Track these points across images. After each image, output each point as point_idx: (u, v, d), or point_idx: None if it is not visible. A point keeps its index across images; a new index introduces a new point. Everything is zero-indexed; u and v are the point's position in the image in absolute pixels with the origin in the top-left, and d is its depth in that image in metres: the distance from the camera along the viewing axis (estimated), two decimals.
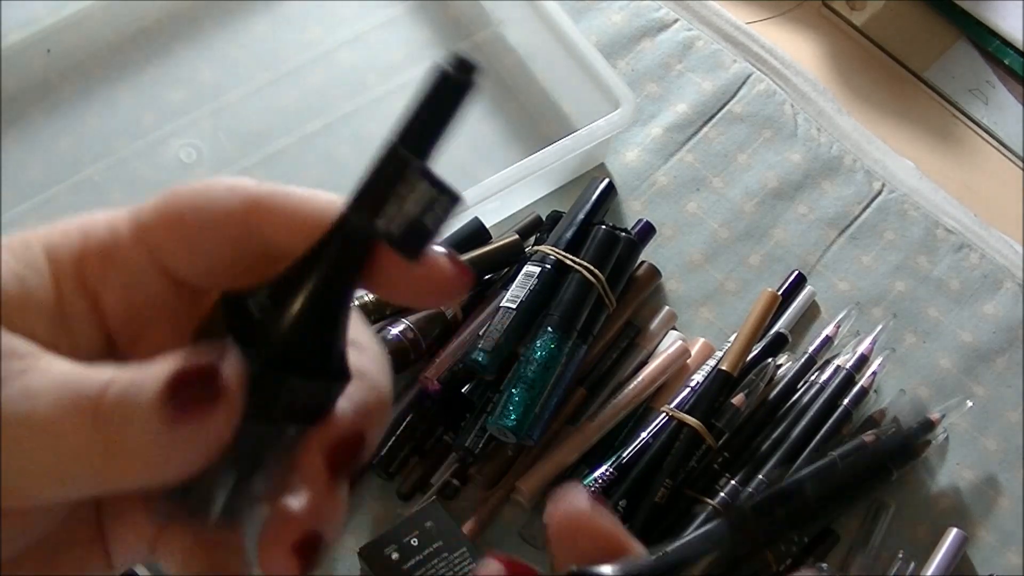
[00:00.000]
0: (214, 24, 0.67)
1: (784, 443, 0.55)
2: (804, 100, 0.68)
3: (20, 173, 0.61)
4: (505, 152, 0.64)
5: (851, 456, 0.53)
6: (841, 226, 0.64)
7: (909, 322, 0.62)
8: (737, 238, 0.63)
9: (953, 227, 0.64)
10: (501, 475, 0.55)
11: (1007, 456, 0.59)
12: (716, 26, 0.69)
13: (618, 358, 0.57)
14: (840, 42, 0.73)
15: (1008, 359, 0.61)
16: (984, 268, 0.63)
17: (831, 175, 0.65)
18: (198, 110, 0.64)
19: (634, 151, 0.65)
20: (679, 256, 0.62)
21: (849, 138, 0.67)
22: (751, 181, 0.64)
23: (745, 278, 0.62)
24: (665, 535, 0.53)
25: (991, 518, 0.57)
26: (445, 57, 0.21)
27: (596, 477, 0.53)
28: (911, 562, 0.55)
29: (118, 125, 0.64)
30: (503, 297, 0.55)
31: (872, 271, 0.63)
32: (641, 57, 0.68)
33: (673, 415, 0.55)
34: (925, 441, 0.56)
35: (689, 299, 0.61)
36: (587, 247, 0.56)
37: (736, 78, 0.67)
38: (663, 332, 0.59)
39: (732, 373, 0.56)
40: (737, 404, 0.55)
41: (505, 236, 0.58)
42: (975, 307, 0.62)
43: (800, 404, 0.57)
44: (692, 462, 0.54)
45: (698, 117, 0.66)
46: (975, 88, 0.72)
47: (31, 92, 0.64)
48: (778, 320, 0.60)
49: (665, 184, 0.64)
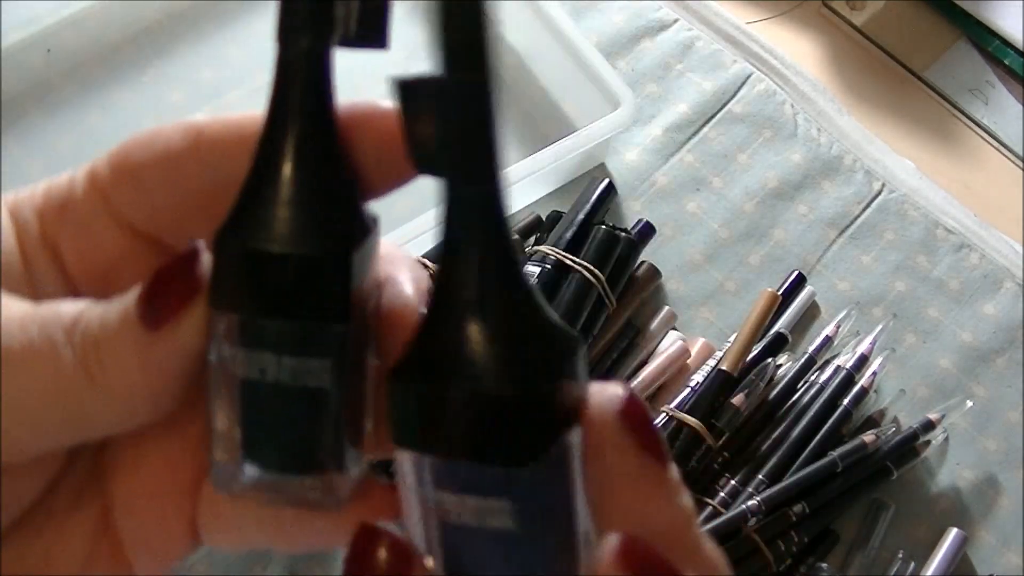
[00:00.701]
0: (214, 24, 0.67)
1: (784, 443, 0.55)
2: (804, 100, 0.68)
3: (20, 173, 0.61)
4: (505, 152, 0.64)
5: (850, 456, 0.54)
6: (841, 226, 0.64)
7: (909, 322, 0.62)
8: (737, 238, 0.63)
9: (953, 227, 0.64)
10: None
11: (1007, 456, 0.59)
12: (716, 26, 0.69)
13: (618, 358, 0.57)
14: (840, 42, 0.73)
15: (1008, 359, 0.61)
16: (984, 268, 0.63)
17: (831, 175, 0.65)
18: (198, 110, 0.64)
19: (634, 151, 0.65)
20: (679, 256, 0.62)
21: (849, 138, 0.67)
22: (751, 181, 0.64)
23: (745, 278, 0.62)
24: None
25: (991, 518, 0.57)
26: None
27: None
28: (911, 562, 0.55)
29: (118, 125, 0.64)
30: None
31: (872, 271, 0.63)
32: (641, 57, 0.68)
33: (673, 415, 0.55)
34: (925, 441, 0.56)
35: (689, 299, 0.61)
36: (587, 247, 0.56)
37: (736, 78, 0.67)
38: (663, 332, 0.59)
39: (732, 373, 0.56)
40: (737, 404, 0.55)
41: None
42: (975, 307, 0.62)
43: (800, 404, 0.57)
44: (692, 462, 0.54)
45: (698, 117, 0.66)
46: (975, 88, 0.72)
47: (31, 92, 0.64)
48: (778, 320, 0.60)
49: (665, 184, 0.64)
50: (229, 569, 0.51)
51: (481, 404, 0.18)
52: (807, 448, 0.55)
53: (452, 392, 0.18)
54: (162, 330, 0.19)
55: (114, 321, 0.19)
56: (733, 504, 0.53)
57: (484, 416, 0.18)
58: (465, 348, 0.19)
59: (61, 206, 0.22)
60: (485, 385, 0.18)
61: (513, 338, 0.19)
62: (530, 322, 0.19)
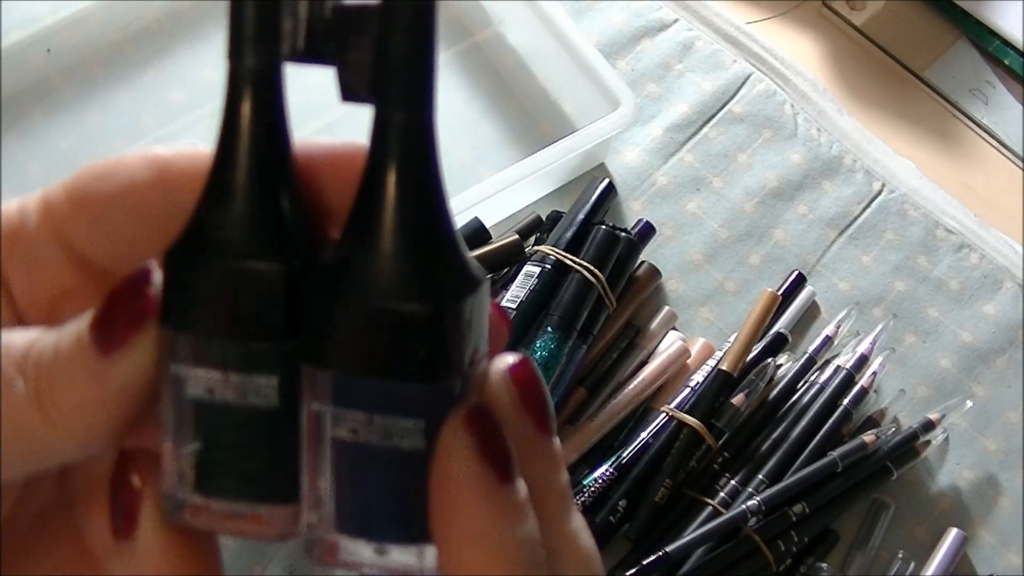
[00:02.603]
0: (214, 24, 0.67)
1: (784, 443, 0.55)
2: (804, 100, 0.68)
3: (20, 173, 0.61)
4: (505, 152, 0.64)
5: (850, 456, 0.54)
6: (841, 226, 0.64)
7: (909, 322, 0.62)
8: (737, 238, 0.63)
9: (953, 227, 0.65)
10: None
11: (1007, 456, 0.59)
12: (716, 26, 0.69)
13: (618, 358, 0.57)
14: (840, 42, 0.73)
15: (1008, 359, 0.61)
16: (984, 268, 0.63)
17: (831, 175, 0.65)
18: (198, 110, 0.64)
19: (634, 151, 0.65)
20: (679, 256, 0.62)
21: (849, 138, 0.67)
22: (751, 181, 0.64)
23: (745, 278, 0.62)
24: (665, 535, 0.53)
25: (991, 518, 0.57)
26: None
27: (596, 477, 0.53)
28: (911, 562, 0.55)
29: (118, 125, 0.64)
30: (503, 297, 0.55)
31: (872, 271, 0.63)
32: (641, 57, 0.68)
33: (673, 415, 0.55)
34: (925, 441, 0.57)
35: (689, 299, 0.61)
36: (587, 247, 0.56)
37: (736, 78, 0.67)
38: (663, 332, 0.59)
39: (732, 373, 0.56)
40: (737, 404, 0.55)
41: (505, 236, 0.58)
42: (975, 307, 0.62)
43: (800, 404, 0.57)
44: (692, 462, 0.54)
45: (698, 117, 0.66)
46: (975, 88, 0.72)
47: (31, 92, 0.64)
48: (778, 320, 0.60)
49: (665, 184, 0.64)
50: (229, 568, 0.51)
51: (395, 321, 0.19)
52: (807, 448, 0.55)
53: (365, 309, 0.19)
54: (115, 354, 0.19)
55: (67, 348, 0.19)
56: (733, 504, 0.53)
57: (399, 333, 0.19)
58: (379, 267, 0.19)
59: (11, 237, 0.22)
60: (401, 303, 0.19)
61: (428, 261, 0.19)
62: (448, 251, 0.19)
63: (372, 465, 0.19)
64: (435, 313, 0.19)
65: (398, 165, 0.19)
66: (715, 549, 0.51)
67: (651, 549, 0.51)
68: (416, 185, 0.19)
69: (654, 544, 0.52)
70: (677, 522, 0.53)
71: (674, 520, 0.53)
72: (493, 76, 0.67)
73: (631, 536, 0.53)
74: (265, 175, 0.20)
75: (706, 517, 0.53)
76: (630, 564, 0.51)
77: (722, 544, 0.52)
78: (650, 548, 0.52)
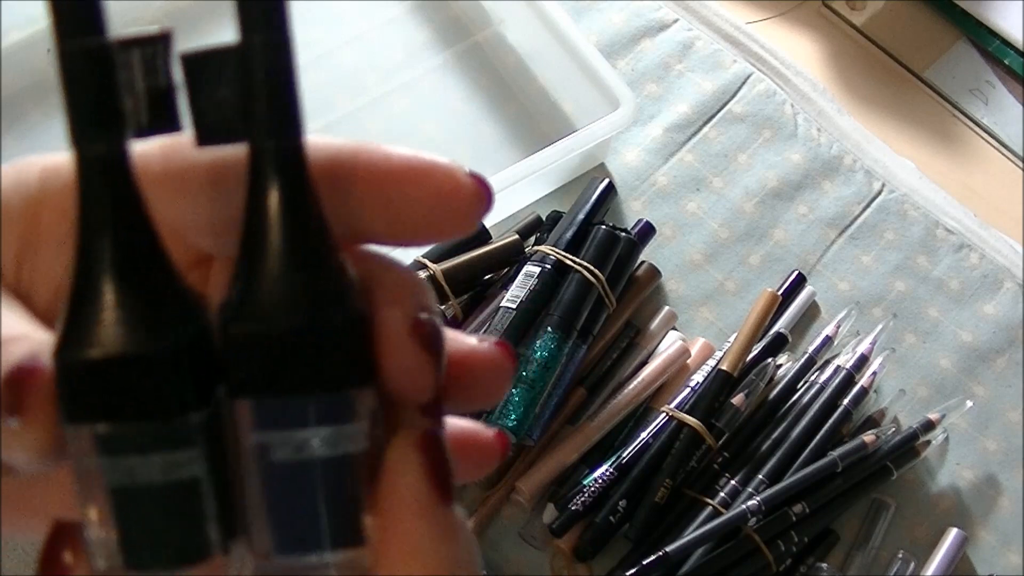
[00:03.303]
0: (214, 24, 0.67)
1: (784, 443, 0.55)
2: (804, 100, 0.68)
3: None
4: (505, 152, 0.64)
5: (850, 456, 0.54)
6: (841, 226, 0.64)
7: (909, 322, 0.62)
8: (737, 238, 0.63)
9: (953, 227, 0.65)
10: (501, 475, 0.55)
11: (1007, 456, 0.59)
12: (716, 26, 0.69)
13: (618, 358, 0.57)
14: (840, 42, 0.73)
15: (1008, 359, 0.61)
16: (984, 268, 0.63)
17: (831, 175, 0.65)
18: None
19: (634, 151, 0.65)
20: (679, 256, 0.62)
21: (849, 138, 0.67)
22: (751, 181, 0.64)
23: (745, 278, 0.62)
24: (665, 535, 0.53)
25: (991, 518, 0.57)
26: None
27: (596, 477, 0.53)
28: (911, 562, 0.55)
29: None
30: (503, 297, 0.55)
31: (872, 271, 0.63)
32: (641, 57, 0.68)
33: (673, 415, 0.55)
34: (925, 441, 0.57)
35: (689, 299, 0.61)
36: (587, 247, 0.56)
37: (736, 78, 0.67)
38: (663, 332, 0.59)
39: (732, 373, 0.56)
40: (737, 404, 0.55)
41: (505, 236, 0.58)
42: (975, 307, 0.62)
43: (800, 404, 0.57)
44: (692, 462, 0.54)
45: (698, 117, 0.66)
46: (975, 88, 0.72)
47: (31, 92, 0.64)
48: (778, 320, 0.60)
49: (665, 184, 0.64)
50: None
51: (299, 337, 0.19)
52: (807, 448, 0.55)
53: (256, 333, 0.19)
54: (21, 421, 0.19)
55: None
56: (733, 504, 0.53)
57: (305, 348, 0.19)
58: (273, 290, 0.20)
59: None
60: (298, 319, 0.19)
61: (318, 279, 0.20)
62: (335, 269, 0.20)
63: (306, 479, 0.20)
64: (313, 324, 0.19)
65: (279, 190, 0.20)
66: (715, 549, 0.51)
67: (651, 549, 0.51)
68: (295, 205, 0.20)
69: (654, 544, 0.52)
70: (677, 522, 0.53)
71: (674, 520, 0.53)
72: (493, 76, 0.67)
73: (631, 536, 0.53)
74: (132, 258, 0.20)
75: (706, 517, 0.53)
76: (630, 564, 0.51)
77: (722, 544, 0.52)
78: (650, 548, 0.52)
